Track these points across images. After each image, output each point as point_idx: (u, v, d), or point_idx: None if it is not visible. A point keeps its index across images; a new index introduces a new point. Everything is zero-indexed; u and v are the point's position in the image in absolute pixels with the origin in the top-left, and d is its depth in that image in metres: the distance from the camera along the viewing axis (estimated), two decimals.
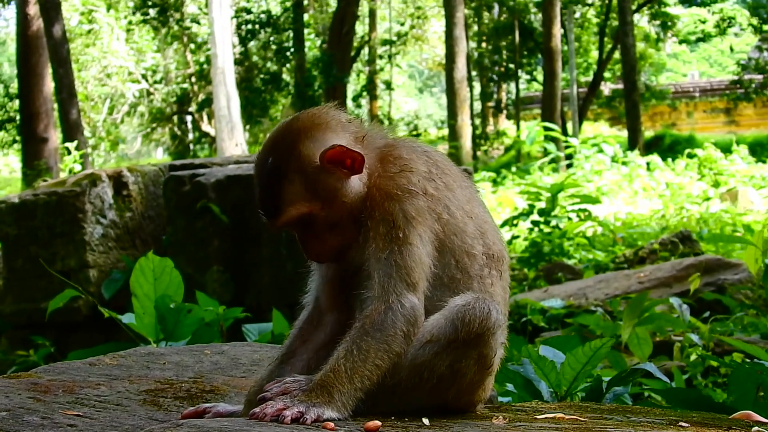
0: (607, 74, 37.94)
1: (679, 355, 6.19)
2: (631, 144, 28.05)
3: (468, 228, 2.52)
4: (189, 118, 38.32)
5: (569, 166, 23.32)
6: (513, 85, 41.27)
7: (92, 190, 8.43)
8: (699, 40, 45.66)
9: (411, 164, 2.49)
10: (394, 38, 41.37)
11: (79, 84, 30.45)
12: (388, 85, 41.45)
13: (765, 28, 36.07)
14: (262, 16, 34.34)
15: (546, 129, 23.88)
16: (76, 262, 8.33)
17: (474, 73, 39.54)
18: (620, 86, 35.21)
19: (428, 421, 2.36)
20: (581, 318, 6.67)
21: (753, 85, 35.74)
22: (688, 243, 11.32)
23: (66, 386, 2.76)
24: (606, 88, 39.21)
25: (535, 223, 12.32)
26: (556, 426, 2.39)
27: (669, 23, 38.57)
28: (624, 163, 22.92)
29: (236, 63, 29.02)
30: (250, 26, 33.86)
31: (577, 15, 37.96)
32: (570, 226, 12.26)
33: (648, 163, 23.43)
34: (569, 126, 32.44)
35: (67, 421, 2.37)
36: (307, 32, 34.92)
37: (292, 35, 33.79)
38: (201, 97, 35.53)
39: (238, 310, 5.36)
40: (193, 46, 36.36)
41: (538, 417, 2.56)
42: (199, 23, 35.60)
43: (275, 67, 35.08)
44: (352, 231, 2.48)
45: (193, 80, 36.42)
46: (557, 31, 30.20)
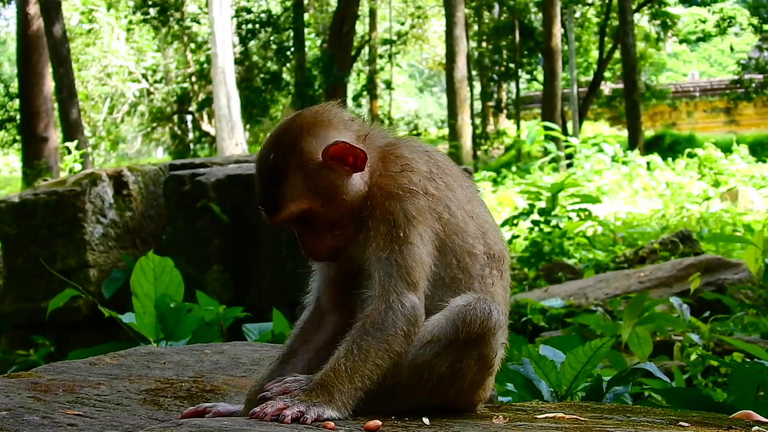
0: (607, 74, 37.95)
1: (679, 354, 6.20)
2: (632, 144, 28.05)
3: (469, 228, 2.51)
4: (189, 117, 38.31)
5: (569, 165, 23.32)
6: (513, 84, 41.28)
7: (92, 190, 8.43)
8: (699, 39, 45.66)
9: (412, 164, 2.49)
10: (394, 38, 41.37)
11: (79, 83, 30.45)
12: (389, 85, 41.44)
13: (765, 27, 36.07)
14: (262, 15, 34.34)
15: (546, 128, 23.89)
16: (77, 261, 8.32)
17: (474, 72, 39.54)
18: (620, 86, 35.22)
19: (428, 420, 2.36)
20: (581, 318, 6.67)
21: (753, 85, 35.74)
22: (689, 243, 11.33)
23: (66, 386, 2.76)
24: (606, 87, 39.22)
25: (536, 223, 12.33)
26: (557, 426, 2.39)
27: (669, 23, 38.57)
28: (624, 163, 22.92)
29: (236, 62, 29.02)
30: (250, 26, 33.86)
31: (578, 14, 37.97)
32: (570, 225, 12.26)
33: (648, 163, 23.43)
34: (569, 125, 32.44)
35: (67, 421, 2.37)
36: (307, 32, 34.93)
37: (292, 35, 33.79)
38: (201, 96, 35.52)
39: (239, 309, 5.36)
40: (193, 46, 36.37)
41: (539, 416, 2.57)
42: (199, 23, 35.61)
43: (275, 67, 35.08)
44: (351, 230, 2.47)
45: (194, 80, 36.41)
46: (557, 30, 30.21)
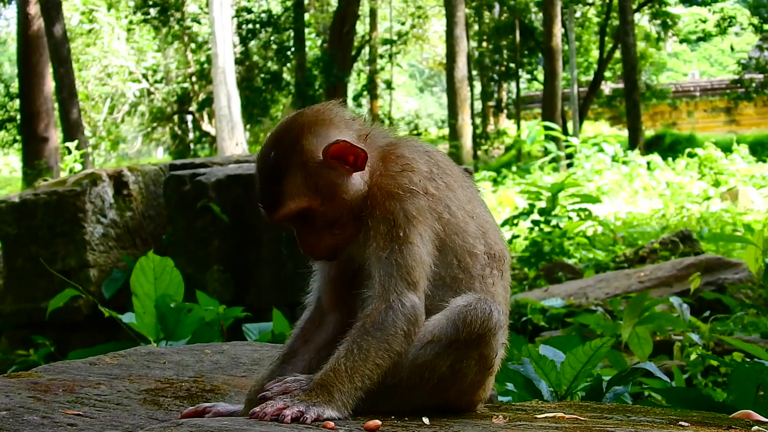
0: (607, 73, 37.95)
1: (679, 354, 6.20)
2: (632, 143, 28.05)
3: (469, 227, 2.51)
4: (189, 117, 38.32)
5: (570, 165, 23.32)
6: (513, 84, 41.28)
7: (93, 190, 8.43)
8: (699, 39, 45.69)
9: (412, 164, 2.49)
10: (394, 38, 41.37)
11: (79, 83, 30.46)
12: (389, 85, 41.44)
13: (765, 27, 36.06)
14: (262, 15, 34.35)
15: (546, 128, 23.89)
16: (77, 261, 8.32)
17: (474, 72, 39.54)
18: (621, 85, 35.22)
19: (428, 420, 2.36)
20: (581, 317, 6.67)
21: (753, 85, 35.74)
22: (689, 242, 11.33)
23: (66, 385, 2.76)
24: (606, 87, 39.22)
25: (536, 223, 12.33)
26: (556, 425, 2.39)
27: (669, 22, 38.58)
28: (624, 163, 22.91)
29: (237, 62, 29.02)
30: (250, 26, 33.86)
31: (578, 14, 37.96)
32: (570, 225, 12.27)
33: (648, 163, 23.42)
34: (570, 125, 32.44)
35: (67, 421, 2.37)
36: (307, 32, 34.93)
37: (292, 35, 33.79)
38: (201, 96, 35.53)
39: (239, 309, 5.36)
40: (193, 46, 36.37)
41: (538, 416, 2.57)
42: (199, 23, 35.62)
43: (276, 67, 35.08)
44: (351, 229, 2.47)
45: (194, 80, 36.42)
46: (558, 30, 30.20)
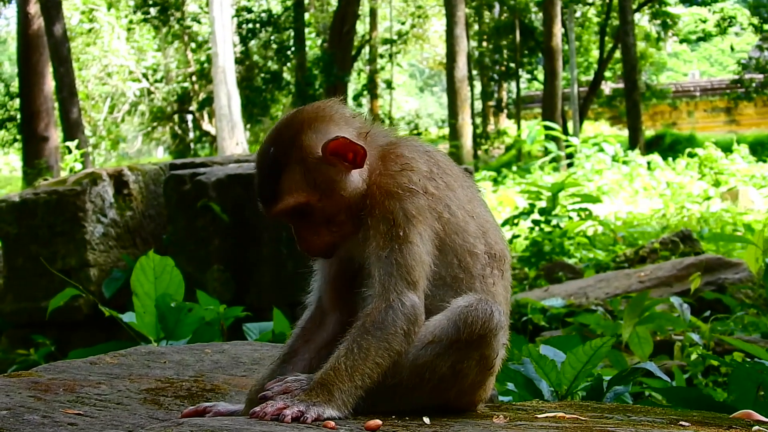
0: (607, 73, 37.95)
1: (679, 354, 6.20)
2: (632, 143, 28.05)
3: (469, 227, 2.51)
4: (190, 117, 38.32)
5: (570, 165, 23.32)
6: (514, 84, 41.28)
7: (93, 189, 8.43)
8: (699, 39, 45.69)
9: (412, 163, 2.49)
10: (394, 37, 41.37)
11: (79, 83, 30.46)
12: (389, 84, 41.43)
13: (765, 27, 36.06)
14: (262, 15, 34.35)
15: (547, 128, 23.89)
16: (77, 260, 8.32)
17: (475, 72, 39.54)
18: (621, 85, 35.23)
19: (429, 420, 2.36)
20: (582, 317, 6.67)
21: (753, 85, 35.76)
22: (689, 242, 11.33)
23: (66, 385, 2.76)
24: (607, 87, 39.23)
25: (536, 223, 12.33)
26: (557, 425, 2.39)
27: (669, 22, 38.58)
28: (625, 163, 22.91)
29: (237, 62, 29.02)
30: (250, 25, 33.86)
31: (578, 14, 37.97)
32: (570, 225, 12.26)
33: (648, 163, 23.42)
34: (570, 125, 32.44)
35: (67, 420, 2.37)
36: (307, 31, 34.93)
37: (292, 34, 33.79)
38: (202, 96, 35.53)
39: (239, 309, 5.35)
40: (193, 45, 36.38)
41: (539, 416, 2.56)
42: (199, 22, 35.63)
43: (276, 66, 35.08)
44: (349, 227, 2.47)
45: (194, 79, 36.42)
46: (558, 30, 30.20)
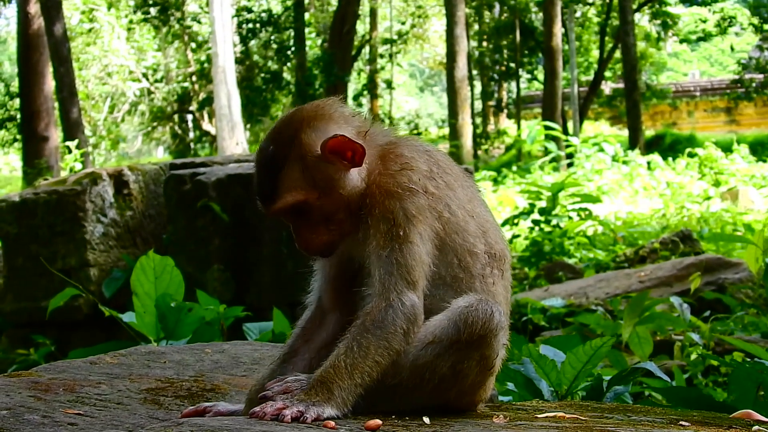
0: (607, 73, 37.95)
1: (679, 354, 6.20)
2: (632, 143, 28.05)
3: (469, 227, 2.51)
4: (190, 116, 38.32)
5: (570, 165, 23.32)
6: (514, 84, 41.28)
7: (93, 189, 8.43)
8: (700, 39, 45.70)
9: (412, 162, 2.49)
10: (394, 37, 41.36)
11: (79, 83, 30.46)
12: (389, 84, 41.43)
13: (766, 27, 36.07)
14: (263, 14, 34.34)
15: (547, 128, 23.89)
16: (77, 260, 8.32)
17: (475, 72, 39.54)
18: (621, 85, 35.23)
19: (429, 419, 2.36)
20: (582, 317, 6.67)
21: (754, 85, 35.76)
22: (689, 242, 11.33)
23: (67, 385, 2.76)
24: (607, 87, 39.23)
25: (536, 222, 12.33)
26: (557, 425, 2.39)
27: (670, 22, 38.58)
28: (625, 162, 22.92)
29: (237, 62, 29.02)
30: (251, 25, 33.86)
31: (578, 14, 37.97)
32: (571, 225, 12.26)
33: (649, 163, 23.42)
34: (570, 125, 32.43)
35: (67, 420, 2.37)
36: (308, 31, 34.93)
37: (293, 34, 33.79)
38: (202, 95, 35.53)
39: (239, 308, 5.35)
40: (193, 45, 36.37)
41: (539, 416, 2.57)
42: (200, 22, 35.63)
43: (276, 66, 35.08)
44: (347, 225, 2.47)
45: (194, 79, 36.41)
46: (558, 30, 30.20)
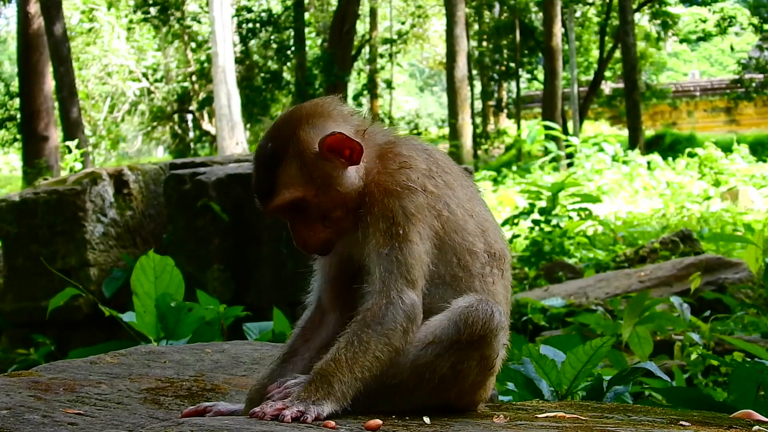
0: (607, 73, 37.95)
1: (679, 354, 6.20)
2: (632, 143, 28.05)
3: (469, 226, 2.51)
4: (190, 116, 38.32)
5: (570, 165, 23.32)
6: (514, 84, 41.28)
7: (93, 189, 8.43)
8: (699, 39, 45.70)
9: (410, 161, 2.49)
10: (394, 37, 41.34)
11: (79, 82, 30.45)
12: (389, 84, 41.42)
13: (765, 27, 36.06)
14: (262, 14, 34.34)
15: (547, 128, 23.89)
16: (77, 260, 8.32)
17: (475, 72, 39.53)
18: (621, 85, 35.22)
19: (429, 419, 2.36)
20: (582, 317, 6.67)
21: (754, 85, 35.76)
22: (689, 242, 11.33)
23: (67, 385, 2.76)
24: (607, 87, 39.22)
25: (536, 222, 12.33)
26: (557, 425, 2.39)
27: (670, 22, 38.58)
28: (625, 162, 22.91)
29: (237, 61, 29.01)
30: (250, 25, 33.86)
31: (578, 14, 37.96)
32: (571, 225, 12.26)
33: (648, 162, 23.42)
34: (570, 125, 32.43)
35: (67, 420, 2.37)
36: (307, 31, 34.92)
37: (292, 34, 33.79)
38: (202, 95, 35.53)
39: (239, 308, 5.35)
40: (193, 45, 36.37)
41: (539, 416, 2.57)
42: (199, 22, 35.63)
43: (276, 66, 35.08)
44: (345, 223, 2.47)
45: (194, 79, 36.41)
46: (558, 30, 30.19)
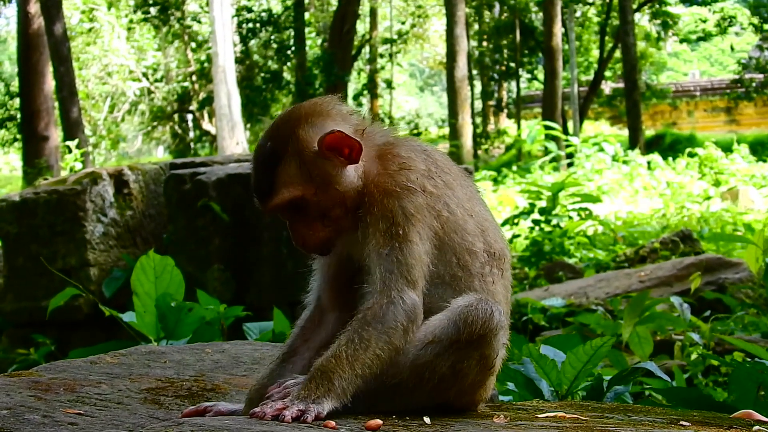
0: (607, 73, 37.94)
1: (679, 354, 6.20)
2: (632, 143, 28.04)
3: (468, 226, 2.51)
4: (190, 116, 38.32)
5: (570, 165, 23.32)
6: (514, 83, 41.27)
7: (93, 189, 8.43)
8: (700, 39, 45.67)
9: (410, 162, 2.49)
10: (395, 37, 41.33)
11: (79, 82, 30.45)
12: (389, 84, 41.41)
13: (766, 27, 36.06)
14: (263, 14, 34.33)
15: (547, 128, 23.89)
16: (77, 260, 8.32)
17: (475, 71, 39.52)
18: (621, 85, 35.22)
19: (429, 419, 2.36)
20: (582, 317, 6.67)
21: (754, 84, 35.77)
22: (689, 242, 11.33)
23: (67, 385, 2.76)
24: (607, 87, 39.22)
25: (536, 222, 12.33)
26: (557, 425, 2.39)
27: (670, 22, 38.58)
28: (625, 162, 22.91)
29: (237, 61, 29.01)
30: (251, 25, 33.85)
31: (578, 14, 37.95)
32: (571, 225, 12.26)
33: (649, 162, 23.42)
34: (570, 125, 32.42)
35: (68, 420, 2.37)
36: (308, 31, 34.92)
37: (293, 34, 33.78)
38: (202, 95, 35.53)
39: (239, 308, 5.35)
40: (194, 45, 36.37)
41: (539, 416, 2.57)
42: (200, 21, 35.62)
43: (276, 66, 35.07)
44: (344, 223, 2.48)
45: (194, 79, 36.41)
46: (558, 30, 30.19)
